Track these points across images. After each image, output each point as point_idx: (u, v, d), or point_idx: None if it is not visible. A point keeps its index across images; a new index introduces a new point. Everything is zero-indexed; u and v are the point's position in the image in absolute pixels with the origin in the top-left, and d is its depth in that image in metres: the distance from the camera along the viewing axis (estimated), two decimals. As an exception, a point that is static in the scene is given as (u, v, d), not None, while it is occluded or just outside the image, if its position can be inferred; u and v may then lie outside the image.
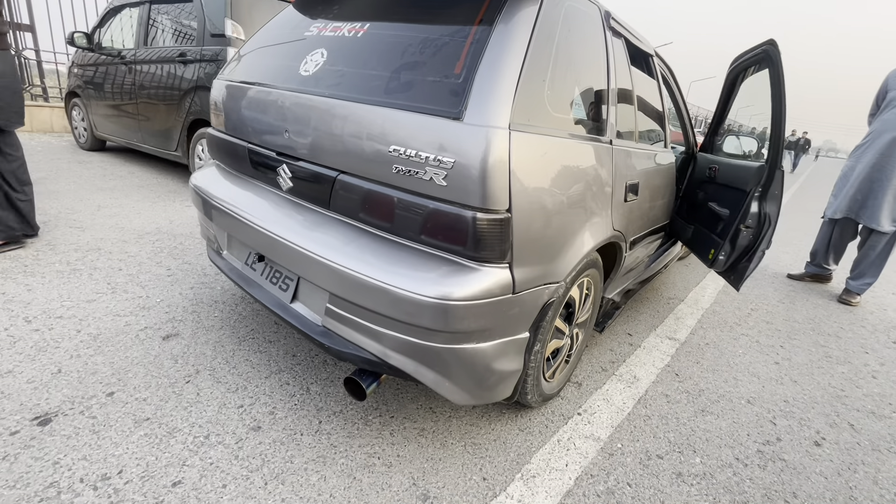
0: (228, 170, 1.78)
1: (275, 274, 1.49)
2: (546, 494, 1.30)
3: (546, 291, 1.30)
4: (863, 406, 1.95)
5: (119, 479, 1.18)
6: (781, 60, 1.98)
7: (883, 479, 1.52)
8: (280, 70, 1.50)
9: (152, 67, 4.10)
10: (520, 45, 1.13)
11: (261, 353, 1.79)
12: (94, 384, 1.52)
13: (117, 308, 2.00)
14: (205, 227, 1.82)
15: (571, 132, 1.33)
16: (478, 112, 1.05)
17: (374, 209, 1.22)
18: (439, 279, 1.10)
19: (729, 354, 2.27)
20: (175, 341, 1.81)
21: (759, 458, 1.55)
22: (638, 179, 1.77)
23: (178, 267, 2.49)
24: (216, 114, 1.78)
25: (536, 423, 1.59)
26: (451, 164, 1.06)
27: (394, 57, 1.24)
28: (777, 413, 1.82)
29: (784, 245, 4.82)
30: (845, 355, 2.42)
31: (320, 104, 1.29)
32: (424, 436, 1.47)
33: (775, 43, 2.04)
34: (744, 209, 2.02)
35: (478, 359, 1.20)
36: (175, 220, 3.24)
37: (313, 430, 1.43)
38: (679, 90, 2.68)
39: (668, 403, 1.80)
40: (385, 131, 1.15)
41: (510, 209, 1.10)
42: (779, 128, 1.94)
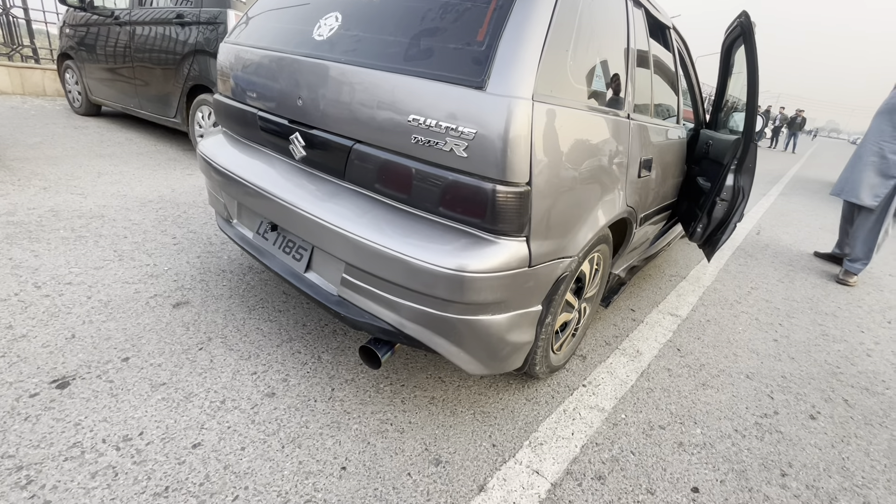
0: (237, 137, 1.75)
1: (288, 243, 1.49)
2: (553, 461, 1.34)
3: (560, 266, 1.30)
4: (857, 383, 2.01)
5: (140, 440, 1.22)
6: (753, 32, 1.97)
7: (874, 451, 1.58)
8: (292, 34, 1.45)
9: (148, 29, 3.96)
10: (545, 12, 1.09)
11: (271, 322, 1.81)
12: (109, 349, 1.54)
13: (126, 276, 2.00)
14: (213, 195, 1.81)
15: (591, 105, 1.31)
16: (501, 81, 1.03)
17: (391, 180, 1.21)
18: (457, 251, 1.10)
19: (729, 331, 2.31)
20: (185, 309, 1.82)
21: (757, 429, 1.61)
22: (652, 155, 1.76)
23: (183, 236, 2.48)
24: (223, 79, 1.74)
25: (543, 394, 1.63)
26: (472, 135, 1.04)
27: (413, 22, 1.20)
28: (775, 388, 1.88)
29: (785, 226, 4.84)
30: (842, 334, 2.47)
31: (336, 70, 1.26)
32: (435, 404, 1.51)
33: (747, 14, 2.03)
34: (720, 182, 2.04)
35: (492, 330, 1.22)
36: (177, 189, 3.20)
37: (326, 397, 1.47)
38: (693, 66, 2.63)
39: (670, 377, 1.85)
40: (404, 100, 1.13)
41: (530, 182, 1.09)
42: (753, 100, 1.94)
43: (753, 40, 1.98)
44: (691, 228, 2.33)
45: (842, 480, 1.43)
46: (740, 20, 2.08)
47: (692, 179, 2.42)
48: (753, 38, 1.99)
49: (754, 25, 2.04)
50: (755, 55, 1.98)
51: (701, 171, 2.39)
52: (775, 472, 1.42)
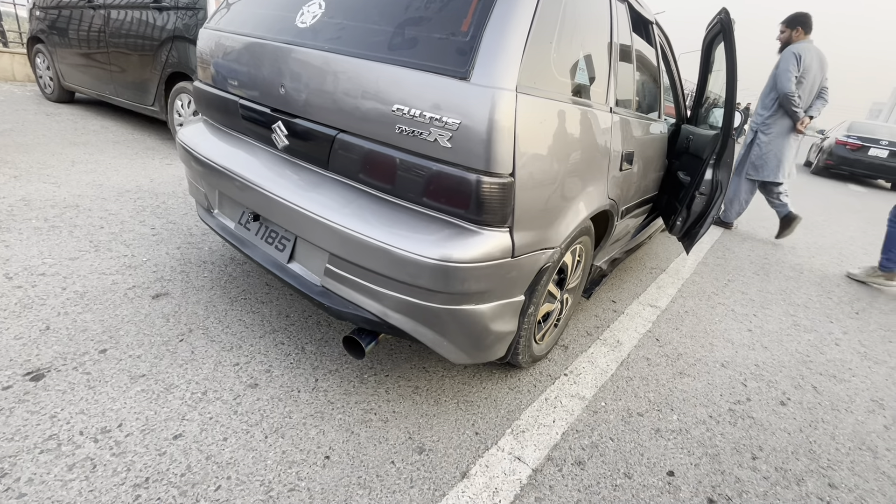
0: (218, 126, 1.72)
1: (271, 234, 1.48)
2: (535, 447, 1.37)
3: (543, 256, 1.32)
4: (825, 370, 2.09)
5: (119, 431, 1.20)
6: (733, 29, 2.02)
7: (840, 435, 1.66)
8: (274, 21, 1.43)
9: (124, 13, 3.83)
10: (529, 4, 1.10)
11: (254, 314, 1.79)
12: (86, 341, 1.50)
13: (102, 266, 1.96)
14: (194, 185, 1.77)
15: (575, 97, 1.32)
16: (485, 72, 1.03)
17: (375, 170, 1.21)
18: (441, 241, 1.11)
19: (706, 322, 2.38)
20: (165, 300, 1.79)
21: (731, 415, 1.67)
22: (634, 149, 1.79)
23: (162, 226, 2.43)
24: (204, 66, 1.70)
25: (525, 383, 1.66)
26: (456, 126, 1.05)
27: (397, 11, 1.20)
28: (748, 376, 1.94)
29: (761, 220, 4.97)
30: (812, 324, 2.56)
31: (319, 59, 1.24)
32: (418, 393, 1.52)
33: (727, 12, 2.07)
34: (700, 176, 2.09)
35: (476, 319, 1.24)
36: (156, 179, 3.13)
37: (310, 388, 1.46)
38: (675, 61, 2.66)
39: (649, 366, 1.90)
40: (388, 89, 1.12)
41: (513, 173, 1.10)
42: (732, 96, 1.99)
43: (733, 37, 2.02)
44: (671, 221, 2.38)
45: (809, 462, 1.49)
46: (720, 17, 2.12)
47: (673, 173, 2.47)
48: (733, 35, 2.03)
49: (734, 22, 2.08)
50: (734, 52, 2.03)
51: (681, 165, 2.44)
52: (746, 456, 1.48)
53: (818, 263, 3.73)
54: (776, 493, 1.35)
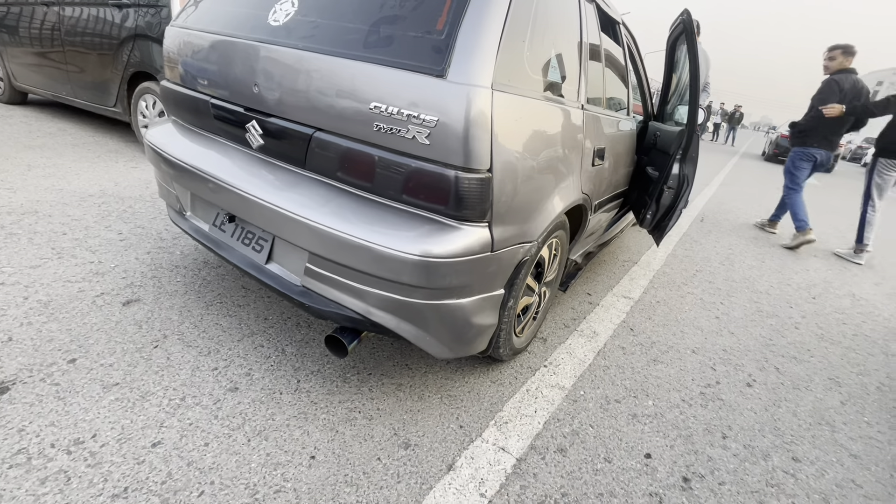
0: (188, 126, 1.68)
1: (247, 235, 1.45)
2: (518, 437, 1.40)
3: (521, 250, 1.35)
4: (787, 352, 2.21)
5: (94, 442, 1.16)
6: (694, 30, 2.12)
7: (801, 412, 1.76)
8: (245, 18, 1.41)
9: (80, 11, 3.67)
10: (502, 2, 1.12)
11: (231, 318, 1.76)
12: (53, 351, 1.44)
13: (67, 274, 1.88)
14: (164, 187, 1.72)
15: (547, 94, 1.36)
16: (462, 70, 1.05)
17: (353, 168, 1.21)
18: (422, 237, 1.12)
19: (677, 311, 2.47)
20: (137, 307, 1.73)
21: (702, 398, 1.74)
22: (604, 145, 1.85)
23: (130, 231, 2.34)
24: (171, 65, 1.66)
25: (507, 376, 1.69)
26: (434, 123, 1.06)
27: (372, 9, 1.20)
28: (717, 360, 2.04)
29: (725, 213, 5.18)
30: (774, 310, 2.70)
31: (294, 57, 1.23)
32: (402, 390, 1.53)
33: (689, 13, 2.18)
34: (667, 171, 2.19)
35: (458, 314, 1.25)
36: (121, 183, 3.02)
37: (292, 389, 1.45)
38: (641, 60, 2.76)
39: (624, 355, 1.96)
40: (365, 87, 1.13)
41: (491, 169, 1.13)
42: (695, 94, 2.09)
43: (694, 38, 2.11)
44: (641, 215, 2.47)
45: (774, 439, 1.58)
46: (682, 18, 2.21)
47: (642, 169, 2.56)
48: (694, 35, 2.12)
49: (696, 23, 2.17)
50: (696, 52, 2.12)
51: (649, 160, 2.53)
52: (717, 436, 1.55)
53: (779, 252, 3.93)
54: (745, 468, 1.43)
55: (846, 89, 3.72)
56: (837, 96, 3.74)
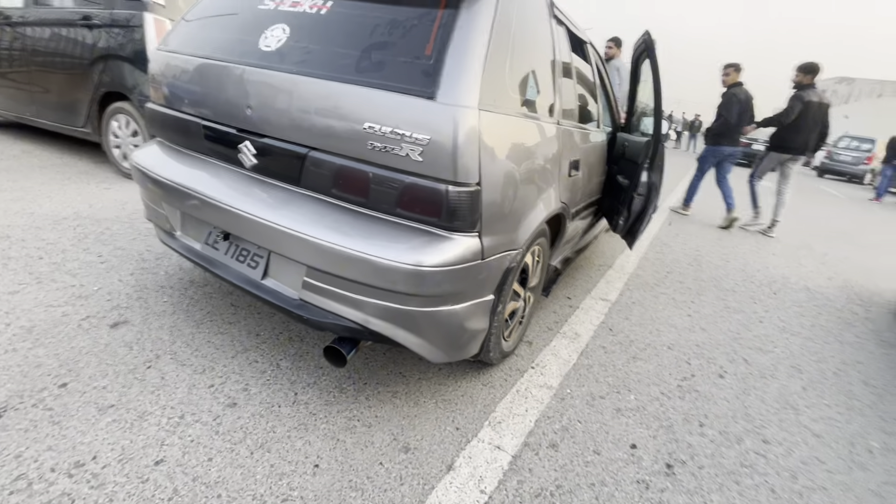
0: (177, 147, 1.70)
1: (242, 252, 1.48)
2: (512, 436, 1.47)
3: (508, 257, 1.44)
4: (753, 345, 2.37)
5: (95, 464, 1.16)
6: (655, 49, 2.32)
7: (768, 398, 1.90)
8: (235, 44, 1.46)
9: (47, 31, 3.60)
10: (484, 29, 1.22)
11: (222, 335, 1.77)
12: (42, 377, 1.43)
13: (48, 299, 1.85)
14: (153, 208, 1.73)
15: (527, 112, 1.46)
16: (450, 92, 1.13)
17: (348, 185, 1.27)
18: (417, 248, 1.19)
19: (652, 310, 2.61)
20: (125, 329, 1.72)
21: (679, 391, 1.86)
22: (579, 157, 1.97)
23: (110, 253, 2.31)
24: (158, 88, 1.68)
25: (497, 378, 1.76)
26: (426, 141, 1.14)
27: (362, 36, 1.28)
28: (691, 355, 2.17)
29: (692, 215, 5.46)
30: (740, 305, 2.88)
31: (289, 81, 1.29)
32: (398, 397, 1.58)
33: (649, 34, 2.38)
34: (636, 179, 2.35)
35: (452, 319, 1.32)
36: (95, 204, 2.96)
37: (290, 402, 1.48)
38: (607, 73, 2.93)
39: (606, 354, 2.07)
40: (360, 109, 1.20)
41: (480, 182, 1.21)
42: (659, 107, 2.27)
43: (655, 55, 2.28)
44: (614, 221, 2.61)
45: (745, 424, 1.70)
46: (644, 38, 2.38)
47: (613, 177, 2.71)
48: (655, 53, 2.30)
49: (655, 43, 2.36)
50: (657, 68, 2.29)
51: (620, 169, 2.68)
52: (695, 424, 1.66)
53: (741, 251, 4.17)
54: (721, 452, 1.54)
55: (742, 99, 4.58)
56: (737, 105, 4.58)
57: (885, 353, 2.48)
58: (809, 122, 4.49)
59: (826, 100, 4.54)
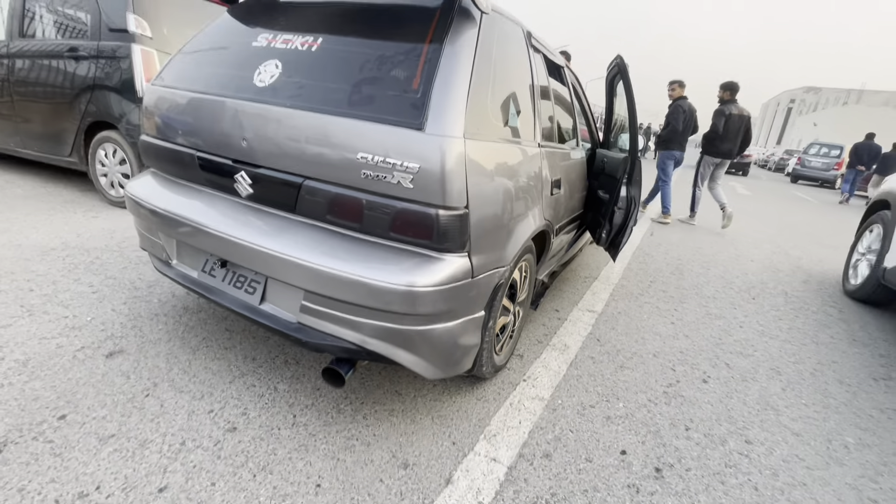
0: (171, 178, 1.75)
1: (239, 278, 1.53)
2: (507, 447, 1.52)
3: (497, 274, 1.51)
4: (734, 349, 2.47)
5: (98, 494, 1.18)
6: (628, 71, 2.47)
7: (749, 400, 1.98)
8: (230, 79, 1.52)
9: (32, 63, 3.63)
10: (467, 63, 1.31)
11: (219, 360, 1.79)
12: (40, 409, 1.44)
13: (41, 331, 1.85)
14: (148, 238, 1.77)
15: (509, 138, 1.55)
16: (437, 123, 1.22)
17: (343, 211, 1.33)
18: (411, 269, 1.25)
19: (637, 320, 2.70)
20: (121, 358, 1.74)
21: (665, 397, 1.93)
22: (560, 176, 2.07)
23: (101, 283, 2.32)
24: (151, 121, 1.74)
25: (491, 392, 1.81)
26: (416, 169, 1.21)
27: (353, 71, 1.36)
28: (675, 362, 2.25)
29: (672, 225, 5.63)
30: (720, 311, 2.99)
31: (285, 114, 1.36)
32: (395, 415, 1.62)
33: (621, 58, 2.53)
34: (616, 193, 2.47)
35: (446, 337, 1.38)
36: (84, 234, 2.96)
37: (289, 424, 1.51)
38: (584, 94, 3.07)
39: (594, 364, 2.14)
40: (353, 140, 1.27)
41: (468, 206, 1.28)
42: (634, 125, 2.41)
43: (628, 78, 2.42)
44: (597, 234, 2.71)
45: (729, 426, 1.78)
46: (617, 62, 2.52)
47: (594, 192, 2.82)
48: (628, 75, 2.43)
49: (628, 66, 2.50)
50: (631, 89, 2.43)
51: (600, 184, 2.80)
52: (681, 428, 1.73)
53: (721, 259, 4.32)
54: (707, 454, 1.60)
55: (686, 110, 5.35)
56: (682, 116, 5.33)
57: (858, 353, 2.60)
58: (732, 132, 5.33)
59: (746, 112, 5.35)
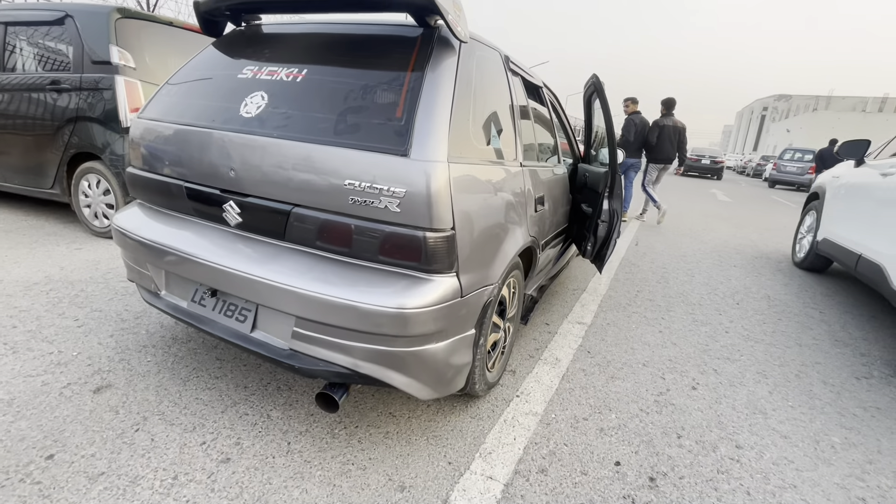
0: (158, 209, 1.76)
1: (229, 307, 1.53)
2: (502, 465, 1.53)
3: (485, 292, 1.54)
4: (721, 355, 2.52)
5: (89, 535, 1.15)
6: (604, 90, 2.57)
7: (738, 405, 2.02)
8: (217, 111, 1.55)
9: (12, 96, 3.62)
10: (447, 90, 1.36)
11: (210, 390, 1.78)
12: (27, 450, 1.41)
13: (26, 369, 1.82)
14: (136, 269, 1.76)
15: (492, 159, 1.60)
16: (421, 149, 1.26)
17: (332, 237, 1.36)
18: (401, 291, 1.28)
19: (625, 330, 2.74)
20: (109, 392, 1.71)
21: (656, 406, 1.96)
22: (543, 193, 2.12)
23: (87, 316, 2.29)
24: (138, 153, 1.75)
25: (484, 410, 1.82)
26: (403, 194, 1.25)
27: (337, 101, 1.40)
28: (665, 370, 2.29)
29: (657, 235, 5.75)
30: (706, 318, 3.06)
31: (273, 144, 1.39)
32: (390, 438, 1.62)
33: (597, 77, 2.64)
34: (599, 207, 2.54)
35: (437, 357, 1.40)
36: (67, 267, 2.92)
37: (284, 452, 1.50)
38: (563, 111, 3.17)
39: (585, 376, 2.16)
40: (340, 168, 1.30)
41: (454, 227, 1.32)
42: (612, 142, 2.50)
43: (605, 96, 2.51)
44: (583, 247, 2.76)
45: (719, 432, 1.81)
46: (593, 81, 2.62)
47: (577, 206, 2.89)
48: (604, 94, 2.53)
49: (604, 84, 2.59)
50: (607, 107, 2.52)
51: (583, 198, 2.87)
52: (673, 436, 1.76)
53: (705, 266, 4.42)
54: (699, 461, 1.63)
55: (638, 123, 6.17)
56: (633, 128, 6.15)
57: (840, 353, 2.67)
58: (667, 141, 6.17)
59: (680, 124, 6.20)
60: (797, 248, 4.79)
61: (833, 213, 3.90)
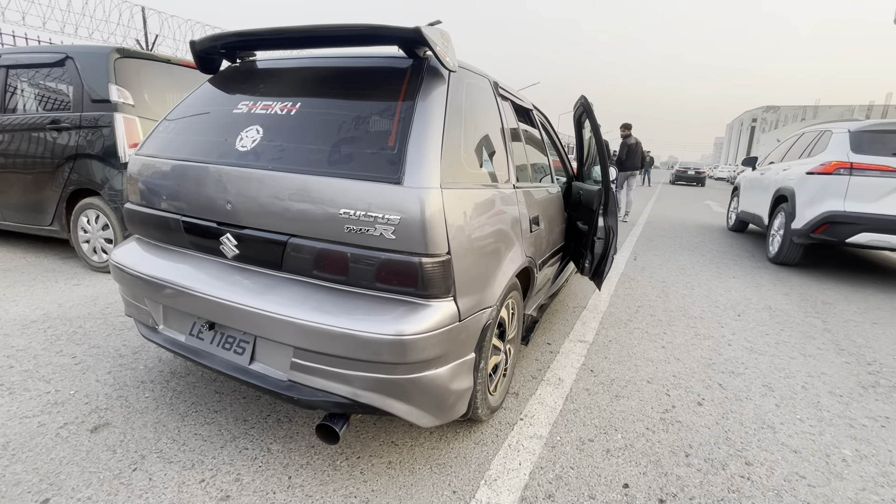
0: (156, 243, 1.77)
1: (227, 340, 1.52)
2: (508, 492, 1.49)
3: (484, 315, 1.54)
4: (725, 368, 2.50)
5: (85, 583, 1.12)
6: (593, 110, 2.63)
7: (745, 420, 1.99)
8: (214, 146, 1.58)
9: (13, 136, 3.69)
10: (438, 118, 1.39)
11: (209, 425, 1.75)
12: (22, 495, 1.37)
13: (22, 410, 1.79)
14: (134, 304, 1.76)
15: (484, 183, 1.62)
16: (414, 177, 1.28)
17: (328, 266, 1.36)
18: (399, 318, 1.28)
19: (628, 346, 2.72)
20: (106, 431, 1.69)
21: (662, 423, 1.93)
22: (538, 213, 2.14)
23: (84, 353, 2.27)
24: (135, 189, 1.77)
25: (489, 435, 1.79)
26: (397, 221, 1.26)
27: (330, 132, 1.43)
28: (669, 386, 2.26)
29: (654, 248, 5.77)
30: (708, 331, 3.04)
31: (268, 176, 1.41)
32: (393, 468, 1.58)
33: (585, 98, 2.71)
34: (595, 224, 2.56)
35: (438, 382, 1.38)
36: (65, 303, 2.91)
37: (285, 487, 1.46)
38: (554, 131, 3.22)
39: (589, 396, 2.13)
40: (335, 197, 1.32)
41: (449, 251, 1.33)
42: (604, 159, 2.55)
43: (594, 116, 2.57)
44: (581, 264, 2.77)
45: (728, 449, 1.78)
46: (582, 102, 2.68)
47: (573, 224, 2.91)
48: (594, 114, 2.58)
49: (592, 105, 2.65)
50: (597, 126, 2.57)
51: (579, 216, 2.90)
52: (681, 455, 1.72)
53: (703, 278, 4.42)
54: (709, 480, 1.60)
55: (631, 144, 8.19)
56: (625, 149, 8.18)
57: (845, 362, 2.65)
58: (633, 155, 8.22)
59: (639, 141, 8.23)
60: (729, 219, 7.92)
61: (742, 195, 7.09)
